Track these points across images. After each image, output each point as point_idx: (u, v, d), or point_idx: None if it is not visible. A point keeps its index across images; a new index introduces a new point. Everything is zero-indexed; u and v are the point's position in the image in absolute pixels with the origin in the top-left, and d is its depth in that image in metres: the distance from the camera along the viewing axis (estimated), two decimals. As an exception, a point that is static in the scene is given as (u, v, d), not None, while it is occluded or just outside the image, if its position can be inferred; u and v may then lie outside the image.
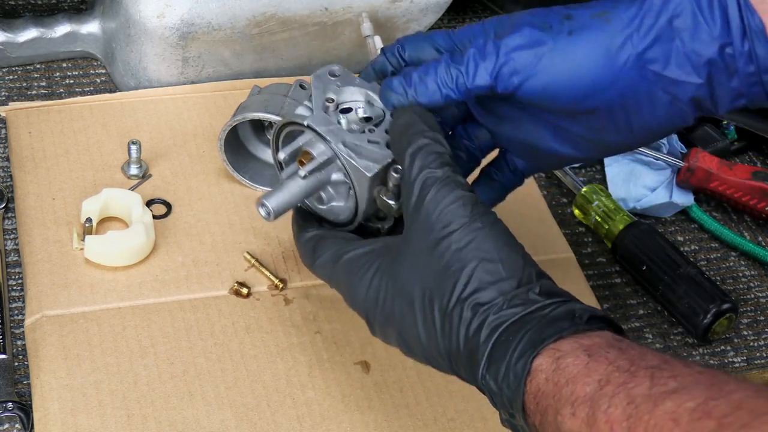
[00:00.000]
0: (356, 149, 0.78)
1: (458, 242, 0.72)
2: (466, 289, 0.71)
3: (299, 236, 0.82)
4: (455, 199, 0.72)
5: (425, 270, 0.73)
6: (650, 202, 1.06)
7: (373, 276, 0.76)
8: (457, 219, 0.72)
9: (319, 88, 0.81)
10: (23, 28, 1.10)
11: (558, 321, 0.69)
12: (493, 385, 0.70)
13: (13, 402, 0.85)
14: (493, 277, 0.71)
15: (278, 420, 0.85)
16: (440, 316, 0.72)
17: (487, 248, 0.71)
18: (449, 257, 0.72)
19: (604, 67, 0.77)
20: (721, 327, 0.96)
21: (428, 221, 0.73)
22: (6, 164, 1.03)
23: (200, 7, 1.05)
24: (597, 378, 0.65)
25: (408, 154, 0.75)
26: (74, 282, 0.92)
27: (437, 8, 1.13)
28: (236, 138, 1.02)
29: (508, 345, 0.69)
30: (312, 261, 0.81)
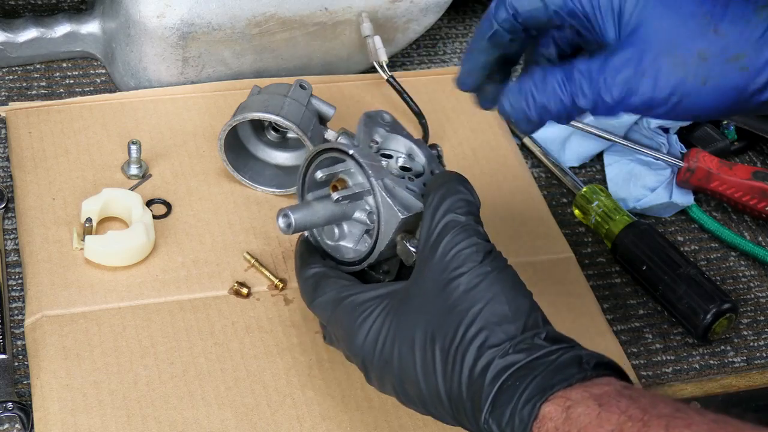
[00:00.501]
0: (393, 191, 0.78)
1: (467, 283, 0.72)
2: (471, 329, 0.71)
3: (302, 271, 0.82)
4: (470, 245, 0.73)
5: (431, 310, 0.73)
6: (650, 202, 1.06)
7: (375, 319, 0.76)
8: (468, 262, 0.73)
9: (368, 126, 0.82)
10: (23, 28, 1.10)
11: (566, 368, 0.69)
12: (496, 429, 0.69)
13: (13, 402, 0.85)
14: (499, 319, 0.71)
15: (278, 420, 0.85)
16: (442, 358, 0.72)
17: (495, 291, 0.72)
18: (456, 297, 0.72)
19: (726, 111, 0.75)
20: (721, 327, 0.96)
21: (441, 262, 0.73)
22: (6, 164, 1.03)
23: (200, 7, 1.05)
24: (610, 428, 0.64)
25: (438, 194, 0.75)
26: (74, 282, 0.92)
27: (437, 8, 1.13)
28: (236, 138, 1.02)
29: (515, 390, 0.69)
30: (312, 299, 0.81)
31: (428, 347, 0.73)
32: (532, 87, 0.76)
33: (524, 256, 1.00)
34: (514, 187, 1.06)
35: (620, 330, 0.98)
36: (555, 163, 1.09)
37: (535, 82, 0.76)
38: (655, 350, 0.97)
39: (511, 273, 0.74)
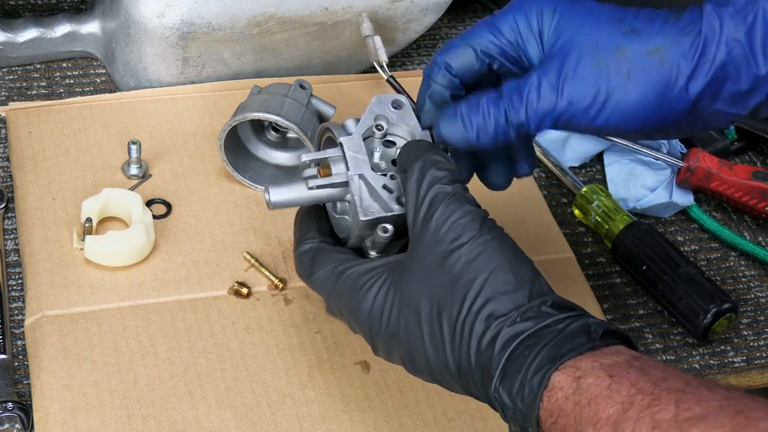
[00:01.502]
0: (369, 188, 0.78)
1: (468, 254, 0.72)
2: (477, 300, 0.71)
3: (297, 246, 0.82)
4: (465, 214, 0.73)
5: (434, 283, 0.73)
6: (650, 202, 1.06)
7: (378, 291, 0.75)
8: (467, 232, 0.72)
9: (373, 112, 0.81)
10: (23, 28, 1.10)
11: (575, 337, 0.69)
12: (506, 398, 0.69)
13: (13, 402, 0.85)
14: (505, 288, 0.71)
15: (278, 420, 0.85)
16: (449, 329, 0.72)
17: (497, 260, 0.71)
18: (459, 269, 0.72)
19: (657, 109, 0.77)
20: (721, 327, 0.96)
21: (437, 235, 0.73)
22: (6, 164, 1.03)
23: (200, 7, 1.05)
24: (620, 400, 0.64)
25: (417, 168, 0.75)
26: (74, 282, 0.92)
27: (437, 8, 1.13)
28: (236, 138, 1.02)
29: (525, 359, 0.68)
30: (309, 273, 0.80)
31: (435, 320, 0.72)
32: (465, 109, 0.78)
33: (524, 256, 1.00)
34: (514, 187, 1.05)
35: (620, 330, 0.98)
36: (555, 163, 1.09)
37: (469, 104, 0.78)
38: (655, 350, 0.97)
39: (510, 241, 0.73)
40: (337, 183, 0.80)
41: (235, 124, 0.98)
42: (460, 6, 1.26)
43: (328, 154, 0.80)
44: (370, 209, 0.78)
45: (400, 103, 0.81)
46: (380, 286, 0.75)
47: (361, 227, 0.78)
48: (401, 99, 0.82)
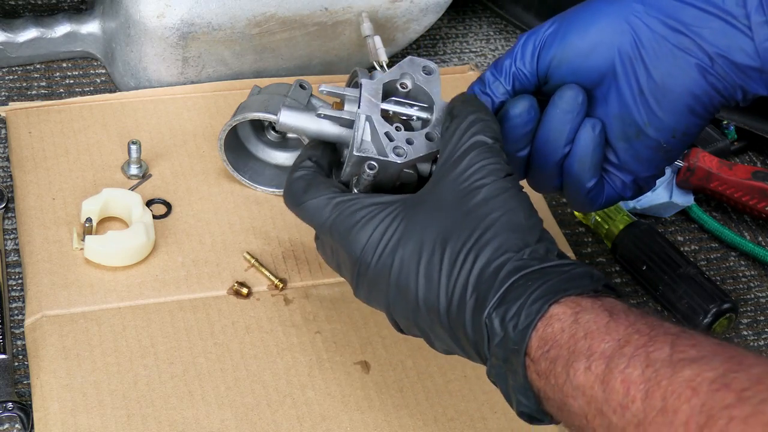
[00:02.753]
0: (372, 130, 0.79)
1: (487, 192, 0.72)
2: (487, 233, 0.71)
3: (291, 172, 0.80)
4: (496, 162, 0.74)
5: (446, 214, 0.73)
6: (650, 202, 1.06)
7: (381, 221, 0.75)
8: (492, 175, 0.73)
9: (403, 68, 0.82)
10: (23, 28, 1.10)
11: (579, 279, 0.69)
12: (497, 324, 0.69)
13: (13, 402, 0.85)
14: (517, 228, 0.71)
15: (278, 420, 0.85)
16: (450, 259, 0.71)
17: (514, 204, 0.72)
18: (475, 203, 0.72)
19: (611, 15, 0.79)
20: (722, 327, 0.96)
21: (463, 174, 0.73)
22: (6, 164, 1.03)
23: (200, 7, 1.05)
24: (617, 337, 0.64)
25: (469, 119, 0.76)
26: (74, 282, 0.92)
27: (437, 8, 1.13)
28: (236, 138, 1.02)
29: (526, 288, 0.69)
30: (300, 201, 0.78)
31: (437, 248, 0.72)
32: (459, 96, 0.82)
33: (524, 256, 1.00)
34: (514, 187, 1.06)
35: (620, 330, 0.98)
36: None
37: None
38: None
39: (528, 197, 0.74)
40: (344, 119, 0.80)
41: (235, 124, 0.98)
42: (460, 6, 1.26)
43: (346, 92, 0.82)
44: (367, 149, 0.79)
45: (430, 69, 0.82)
46: (384, 216, 0.75)
47: (353, 162, 0.79)
48: (432, 66, 0.82)
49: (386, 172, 0.78)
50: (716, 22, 0.77)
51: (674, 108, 0.80)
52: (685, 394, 0.59)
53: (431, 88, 0.81)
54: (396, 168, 0.78)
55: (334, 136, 0.81)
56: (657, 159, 0.82)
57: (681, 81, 0.79)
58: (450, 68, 1.17)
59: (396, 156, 0.78)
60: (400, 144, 0.78)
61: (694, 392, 0.59)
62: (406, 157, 0.78)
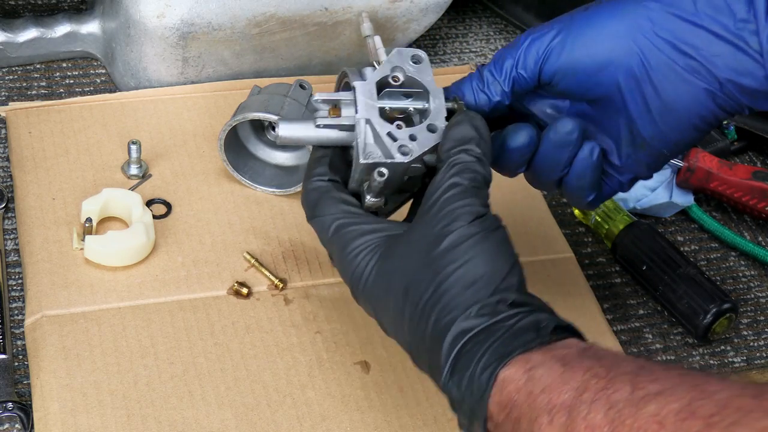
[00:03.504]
0: (374, 133, 0.79)
1: (450, 242, 0.72)
2: (441, 287, 0.71)
3: (306, 181, 0.82)
4: (465, 205, 0.73)
5: (413, 261, 0.73)
6: (650, 202, 1.06)
7: (364, 258, 0.76)
8: (458, 221, 0.73)
9: (392, 62, 0.82)
10: (23, 28, 1.10)
11: (524, 333, 0.69)
12: (455, 392, 0.70)
13: (13, 402, 0.85)
14: (471, 282, 0.71)
15: (278, 420, 0.85)
16: (411, 311, 0.73)
17: (475, 252, 0.72)
18: (437, 253, 0.72)
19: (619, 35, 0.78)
20: (722, 327, 0.96)
21: (435, 217, 0.73)
22: (6, 164, 1.03)
23: (200, 7, 1.05)
24: (574, 386, 0.64)
25: (452, 161, 0.76)
26: (74, 282, 0.92)
27: (437, 8, 1.13)
28: (236, 138, 1.02)
29: (473, 356, 0.69)
30: (311, 215, 0.80)
31: (401, 297, 0.73)
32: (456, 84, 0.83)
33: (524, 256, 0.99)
34: (514, 187, 1.05)
35: (620, 330, 0.98)
36: None
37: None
38: (655, 350, 0.97)
39: (499, 235, 0.74)
40: (344, 125, 0.80)
41: (235, 124, 0.98)
42: (460, 6, 1.26)
43: (341, 96, 0.81)
44: (372, 153, 0.78)
45: (419, 58, 0.82)
46: (367, 253, 0.76)
47: (360, 170, 0.79)
48: (421, 54, 0.82)
49: (395, 172, 0.78)
50: (727, 47, 0.77)
51: (680, 126, 0.80)
52: (651, 429, 0.59)
53: (423, 76, 0.81)
54: (404, 167, 0.78)
55: (337, 142, 0.81)
56: (658, 163, 0.83)
57: (689, 103, 0.79)
58: (450, 68, 1.17)
59: (402, 155, 0.78)
60: (404, 142, 0.78)
61: (661, 425, 0.59)
62: (412, 155, 0.78)
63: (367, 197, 0.79)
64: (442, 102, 0.81)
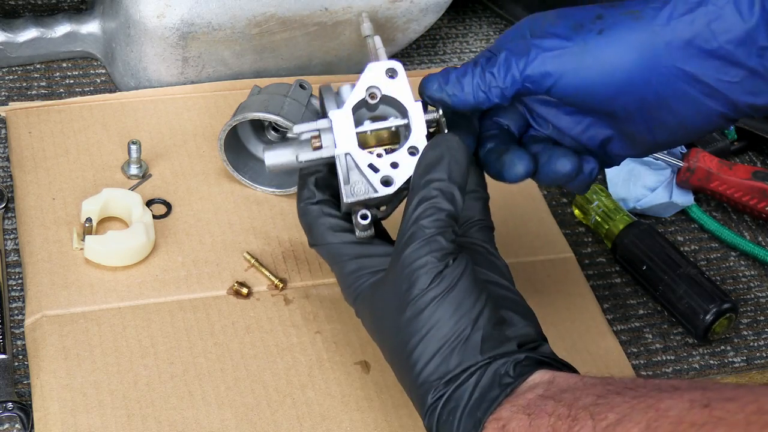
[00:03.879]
0: (353, 168, 0.78)
1: (413, 310, 0.74)
2: (411, 358, 0.74)
3: (298, 204, 0.83)
4: (425, 263, 0.74)
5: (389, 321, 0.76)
6: (650, 202, 1.06)
7: (358, 295, 0.79)
8: (418, 283, 0.74)
9: (366, 82, 0.80)
10: (23, 28, 1.10)
11: (488, 391, 0.72)
12: None
13: (13, 402, 0.85)
14: (434, 351, 0.74)
15: (278, 420, 0.85)
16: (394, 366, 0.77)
17: (437, 317, 0.74)
18: (405, 321, 0.75)
19: (635, 66, 0.78)
20: (722, 327, 0.96)
21: (402, 274, 0.75)
22: (6, 164, 1.03)
23: (200, 7, 1.05)
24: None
25: (416, 199, 0.76)
26: (74, 282, 0.92)
27: (437, 8, 1.13)
28: (236, 138, 1.02)
29: (451, 425, 0.73)
30: (308, 240, 0.83)
31: (387, 356, 0.78)
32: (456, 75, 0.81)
33: (524, 256, 1.00)
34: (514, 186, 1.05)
35: (620, 330, 0.98)
36: None
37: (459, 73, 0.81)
38: (655, 350, 0.97)
39: (458, 291, 0.75)
40: (324, 158, 0.79)
41: (235, 124, 0.98)
42: (460, 6, 1.26)
43: (319, 126, 0.80)
44: (354, 191, 0.78)
45: (394, 71, 0.80)
46: (360, 291, 0.79)
47: (346, 206, 0.79)
48: (395, 66, 0.81)
49: (380, 202, 0.79)
50: (745, 73, 0.76)
51: (689, 135, 0.82)
52: None
53: (400, 92, 0.80)
54: (389, 197, 0.78)
55: (325, 160, 0.80)
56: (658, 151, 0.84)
57: (702, 124, 0.79)
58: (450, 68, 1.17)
59: (385, 187, 0.78)
60: (386, 172, 0.78)
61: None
62: (395, 185, 0.78)
63: (356, 231, 0.79)
64: (421, 117, 0.79)
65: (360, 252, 0.80)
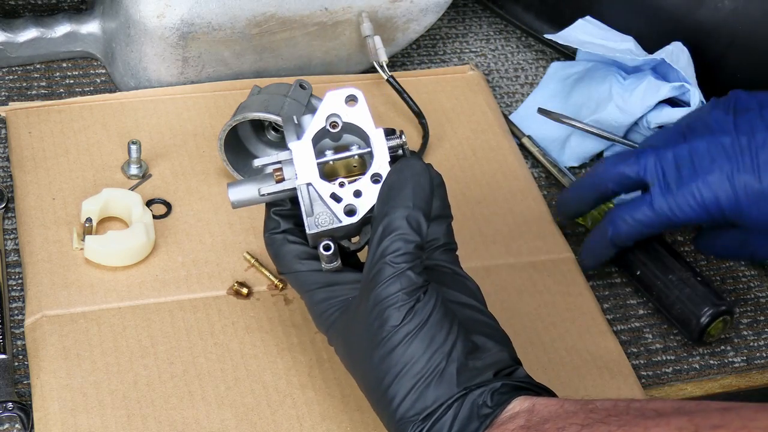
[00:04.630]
0: (316, 200, 0.78)
1: (385, 348, 0.74)
2: (387, 394, 0.74)
3: (264, 235, 0.83)
4: (395, 301, 0.74)
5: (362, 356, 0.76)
6: (650, 202, 1.06)
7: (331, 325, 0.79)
8: (390, 320, 0.74)
9: (326, 110, 0.79)
10: (23, 28, 1.10)
11: (468, 425, 0.72)
12: None
13: (13, 402, 0.85)
14: (409, 387, 0.74)
15: (278, 420, 0.85)
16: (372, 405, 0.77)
17: (410, 354, 0.74)
18: (377, 359, 0.74)
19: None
20: (717, 330, 0.96)
21: (372, 312, 0.75)
22: (6, 164, 1.03)
23: (200, 7, 1.05)
24: None
25: (380, 230, 0.75)
26: (74, 282, 0.92)
27: (437, 8, 1.13)
28: (236, 138, 1.02)
29: None
30: (276, 267, 0.83)
31: (362, 389, 0.78)
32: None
33: (524, 256, 1.00)
34: (514, 187, 1.06)
35: (620, 330, 0.98)
36: (553, 164, 1.09)
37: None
38: (655, 350, 0.97)
39: (431, 325, 0.74)
40: (287, 190, 0.79)
41: (235, 124, 0.98)
42: (460, 6, 1.26)
43: (280, 157, 0.79)
44: (317, 221, 0.78)
45: (353, 97, 0.79)
46: (332, 321, 0.79)
47: (311, 238, 0.78)
48: (355, 93, 0.79)
49: (346, 232, 0.78)
50: None
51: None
52: None
53: (361, 119, 0.79)
54: (353, 227, 0.78)
55: (287, 195, 0.80)
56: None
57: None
58: (450, 68, 1.17)
59: (349, 216, 0.77)
60: (349, 201, 0.77)
61: None
62: (357, 214, 0.77)
63: (323, 264, 0.79)
64: (383, 143, 0.78)
65: (328, 280, 0.79)
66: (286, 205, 0.82)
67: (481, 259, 0.99)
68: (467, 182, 1.05)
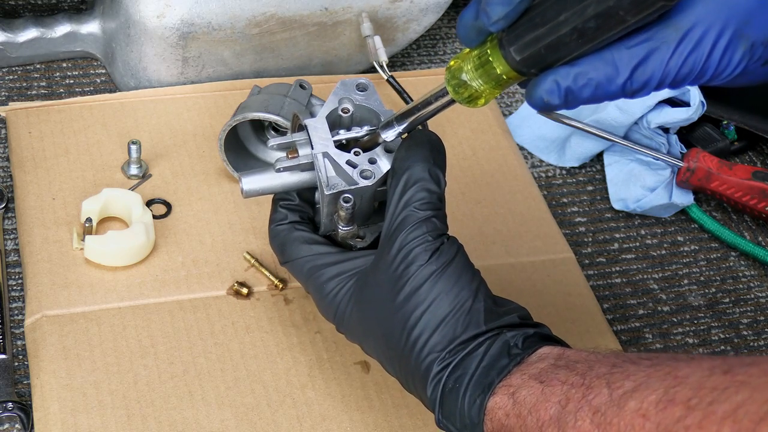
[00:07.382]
0: (333, 164, 0.79)
1: (411, 286, 0.75)
2: (413, 332, 0.74)
3: (269, 225, 0.84)
4: (420, 242, 0.75)
5: (384, 307, 0.76)
6: (650, 203, 1.06)
7: (341, 302, 0.79)
8: (417, 261, 0.75)
9: (338, 94, 0.82)
10: (23, 28, 1.10)
11: (497, 360, 0.72)
12: (452, 428, 0.73)
13: (13, 402, 0.85)
14: (438, 322, 0.74)
15: (278, 420, 0.85)
16: (391, 354, 0.76)
17: (437, 291, 0.74)
18: (402, 299, 0.75)
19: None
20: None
21: (396, 258, 0.75)
22: (6, 164, 1.03)
23: (200, 7, 1.05)
24: (556, 400, 0.68)
25: (402, 182, 0.76)
26: (74, 282, 0.92)
27: (437, 8, 1.13)
28: (236, 138, 1.02)
29: (457, 393, 0.73)
30: (281, 260, 0.83)
31: (381, 342, 0.77)
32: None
33: (524, 256, 1.00)
34: (514, 187, 1.06)
35: (620, 330, 0.98)
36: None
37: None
38: (655, 350, 0.97)
39: (457, 263, 0.75)
40: (303, 164, 0.80)
41: (235, 124, 0.98)
42: (460, 6, 1.26)
43: (295, 138, 0.81)
44: (335, 185, 0.79)
45: (364, 86, 0.82)
46: (342, 296, 0.79)
47: (327, 202, 0.79)
48: (366, 82, 0.82)
49: (362, 198, 0.79)
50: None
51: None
52: (638, 423, 0.62)
53: (371, 102, 0.82)
54: (369, 191, 0.79)
55: (300, 184, 0.82)
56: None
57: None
58: (450, 68, 1.17)
59: (365, 179, 0.79)
60: (364, 167, 0.79)
61: (645, 418, 0.62)
62: (374, 178, 0.79)
63: (339, 227, 0.80)
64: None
65: (339, 258, 0.80)
66: (294, 199, 0.83)
67: (481, 259, 0.98)
68: (467, 182, 1.05)
